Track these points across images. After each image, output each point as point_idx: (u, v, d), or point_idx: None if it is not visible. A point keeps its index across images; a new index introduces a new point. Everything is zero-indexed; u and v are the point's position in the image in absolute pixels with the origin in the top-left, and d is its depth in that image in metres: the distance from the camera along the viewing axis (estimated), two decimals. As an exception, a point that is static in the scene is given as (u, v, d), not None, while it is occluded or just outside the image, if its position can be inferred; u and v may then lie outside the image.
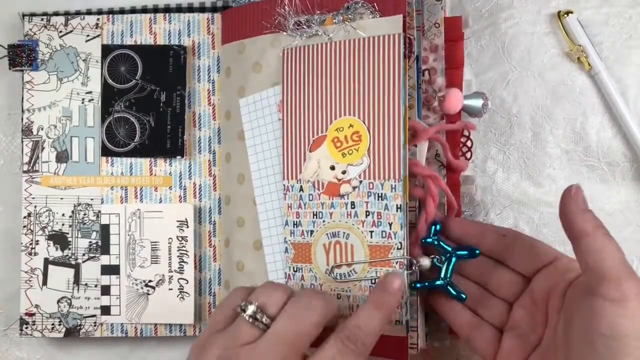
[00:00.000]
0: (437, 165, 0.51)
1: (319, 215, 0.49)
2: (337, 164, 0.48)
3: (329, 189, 0.49)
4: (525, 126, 0.55)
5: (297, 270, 0.50)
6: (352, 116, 0.48)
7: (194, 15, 0.57)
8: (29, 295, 0.57)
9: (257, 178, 0.52)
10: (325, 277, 0.49)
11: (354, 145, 0.48)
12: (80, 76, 0.57)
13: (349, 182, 0.48)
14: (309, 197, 0.49)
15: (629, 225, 0.54)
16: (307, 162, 0.49)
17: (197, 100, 0.57)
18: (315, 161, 0.49)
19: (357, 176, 0.48)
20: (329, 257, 0.49)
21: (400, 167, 0.46)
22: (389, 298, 0.42)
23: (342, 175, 0.48)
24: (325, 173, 0.49)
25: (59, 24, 0.57)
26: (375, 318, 0.41)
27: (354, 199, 0.48)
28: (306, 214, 0.50)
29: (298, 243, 0.50)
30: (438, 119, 0.51)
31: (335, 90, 0.48)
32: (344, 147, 0.48)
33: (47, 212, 0.57)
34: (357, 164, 0.48)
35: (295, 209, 0.50)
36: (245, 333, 0.40)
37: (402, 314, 0.46)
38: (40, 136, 0.57)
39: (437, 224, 0.46)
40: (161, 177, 0.57)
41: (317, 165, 0.49)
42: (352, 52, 0.48)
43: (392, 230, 0.46)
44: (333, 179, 0.48)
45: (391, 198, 0.46)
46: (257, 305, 0.41)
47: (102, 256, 0.57)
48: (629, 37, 0.54)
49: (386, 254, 0.46)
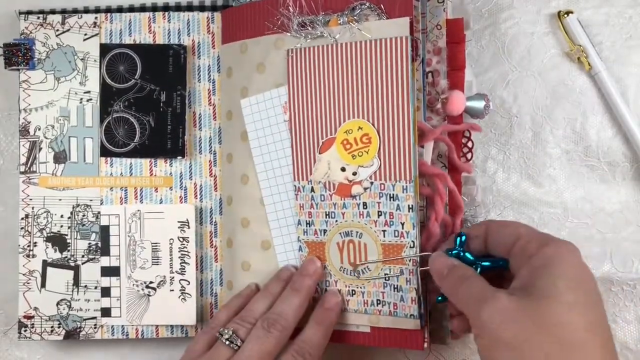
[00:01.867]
0: (439, 166, 0.52)
1: (331, 215, 0.50)
2: (347, 165, 0.49)
3: (340, 189, 0.49)
4: (526, 126, 0.55)
5: None
6: (361, 118, 0.48)
7: (194, 14, 0.57)
8: (27, 298, 0.56)
9: (265, 179, 0.52)
10: (340, 274, 0.50)
11: (364, 147, 0.48)
12: (78, 75, 0.56)
13: (360, 184, 0.49)
14: (320, 198, 0.50)
15: (629, 225, 0.55)
16: (317, 163, 0.50)
17: (198, 100, 0.57)
18: (325, 163, 0.50)
19: (368, 177, 0.48)
20: (342, 255, 0.50)
21: (411, 168, 0.47)
22: (328, 314, 0.49)
23: (353, 177, 0.49)
24: (336, 174, 0.49)
25: (55, 22, 0.56)
26: (317, 333, 0.48)
27: (366, 200, 0.48)
28: (318, 214, 0.50)
29: (311, 242, 0.51)
30: (441, 121, 0.51)
31: (342, 92, 0.49)
32: (353, 149, 0.49)
33: (45, 214, 0.56)
34: (368, 166, 0.48)
35: (307, 209, 0.51)
36: (222, 354, 0.47)
37: (416, 309, 0.47)
38: (37, 136, 0.56)
39: (462, 235, 0.46)
40: (162, 177, 0.57)
41: (327, 167, 0.50)
42: (359, 55, 0.48)
43: (405, 230, 0.47)
44: (344, 180, 0.49)
45: (403, 199, 0.47)
46: (233, 330, 0.48)
47: (102, 257, 0.56)
48: (629, 37, 0.55)
49: (399, 252, 0.48)
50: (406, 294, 0.48)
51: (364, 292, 0.50)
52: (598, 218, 0.55)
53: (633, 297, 0.55)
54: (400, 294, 0.48)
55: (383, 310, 0.49)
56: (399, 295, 0.48)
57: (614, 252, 0.55)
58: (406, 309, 0.48)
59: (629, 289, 0.55)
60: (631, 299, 0.55)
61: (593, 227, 0.55)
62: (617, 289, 0.55)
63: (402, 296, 0.48)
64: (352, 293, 0.50)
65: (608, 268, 0.55)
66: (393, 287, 0.48)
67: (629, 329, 0.55)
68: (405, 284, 0.48)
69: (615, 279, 0.55)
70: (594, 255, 0.55)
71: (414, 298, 0.47)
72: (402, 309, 0.48)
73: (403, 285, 0.48)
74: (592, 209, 0.55)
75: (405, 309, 0.48)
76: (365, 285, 0.50)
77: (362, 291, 0.50)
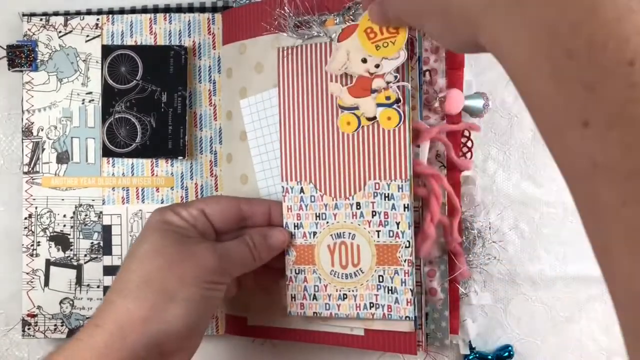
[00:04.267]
0: (437, 166, 0.52)
1: (322, 217, 0.49)
2: (369, 57, 0.45)
3: (359, 83, 0.46)
4: (526, 126, 0.55)
5: (299, 272, 0.50)
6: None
7: (195, 16, 0.57)
8: (30, 297, 0.57)
9: (262, 179, 0.53)
10: (331, 278, 0.49)
11: (391, 37, 0.44)
12: (80, 77, 0.57)
13: (382, 77, 0.45)
14: (310, 199, 0.49)
15: (629, 225, 0.55)
16: (335, 52, 0.46)
17: (198, 101, 0.57)
18: (344, 52, 0.46)
19: (393, 71, 0.45)
20: (334, 258, 0.49)
21: (407, 167, 0.46)
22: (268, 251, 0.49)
23: (375, 69, 0.45)
24: (355, 65, 0.45)
25: (58, 24, 0.57)
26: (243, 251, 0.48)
27: (360, 200, 0.48)
28: (308, 216, 0.49)
29: (300, 245, 0.50)
30: (439, 120, 0.51)
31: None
32: (378, 39, 0.44)
33: (48, 213, 0.57)
34: (394, 58, 0.45)
35: (295, 211, 0.50)
36: None
37: (412, 310, 0.47)
38: (40, 137, 0.57)
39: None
40: (163, 177, 0.57)
41: (345, 57, 0.46)
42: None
43: (400, 230, 0.47)
44: (365, 72, 0.45)
45: (398, 198, 0.46)
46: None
47: (105, 257, 0.57)
48: (629, 37, 0.54)
49: (394, 252, 0.47)
50: (401, 295, 0.47)
51: (356, 295, 0.48)
52: (598, 218, 0.55)
53: (633, 298, 0.54)
54: (395, 296, 0.47)
55: (376, 313, 0.48)
56: (393, 297, 0.47)
57: (614, 252, 0.54)
58: (401, 311, 0.47)
59: (629, 289, 0.54)
60: (631, 299, 0.54)
61: (593, 227, 0.55)
62: (617, 289, 0.54)
63: (397, 298, 0.47)
64: (344, 297, 0.49)
65: (608, 268, 0.54)
66: (387, 289, 0.47)
67: (629, 330, 0.54)
68: (401, 285, 0.47)
69: (615, 279, 0.54)
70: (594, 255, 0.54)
71: (410, 299, 0.46)
72: (396, 311, 0.47)
73: (398, 286, 0.47)
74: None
75: (400, 311, 0.47)
76: (357, 288, 0.48)
77: (354, 295, 0.48)
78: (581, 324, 0.55)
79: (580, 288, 0.55)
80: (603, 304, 0.55)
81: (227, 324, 0.57)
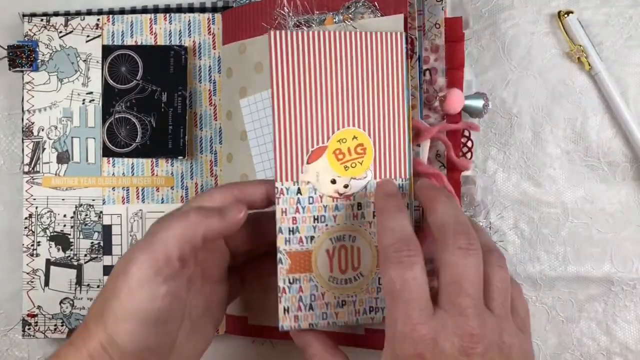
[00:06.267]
0: (437, 166, 0.52)
1: (320, 220, 0.46)
2: (338, 177, 0.46)
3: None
4: (526, 126, 0.55)
5: (293, 281, 0.46)
6: (355, 127, 0.46)
7: (195, 16, 0.57)
8: (30, 296, 0.57)
9: (263, 178, 0.53)
10: (329, 285, 0.46)
11: (358, 158, 0.46)
12: (80, 77, 0.57)
13: (350, 198, 0.46)
14: (308, 200, 0.46)
15: (629, 225, 0.55)
16: (304, 174, 0.46)
17: (198, 101, 0.57)
18: (313, 174, 0.46)
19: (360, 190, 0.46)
20: (332, 263, 0.46)
21: (407, 166, 0.46)
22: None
23: (343, 190, 0.46)
24: (324, 187, 0.46)
25: (58, 24, 0.57)
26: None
27: (361, 200, 0.46)
28: (305, 219, 0.46)
29: (295, 252, 0.46)
30: (439, 119, 0.51)
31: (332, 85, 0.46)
32: (346, 160, 0.46)
33: (48, 213, 0.57)
34: (361, 178, 0.46)
35: (291, 214, 0.45)
36: None
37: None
38: (41, 137, 0.57)
39: None
40: (163, 177, 0.57)
41: (315, 179, 0.46)
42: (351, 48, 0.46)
43: None
44: (333, 193, 0.46)
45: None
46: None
47: (105, 257, 0.57)
48: (629, 37, 0.54)
49: None
50: None
51: (355, 301, 0.46)
52: (598, 218, 0.55)
53: (633, 297, 0.54)
54: None
55: (376, 317, 0.46)
56: None
57: (614, 252, 0.55)
58: None
59: (629, 289, 0.54)
60: (631, 299, 0.54)
61: (593, 227, 0.55)
62: (617, 289, 0.55)
63: None
64: (342, 304, 0.46)
65: (608, 268, 0.55)
66: None
67: (629, 329, 0.54)
68: None
69: (615, 279, 0.54)
70: (594, 255, 0.55)
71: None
72: None
73: None
74: (592, 209, 0.55)
75: None
76: (357, 294, 0.46)
77: (352, 301, 0.46)
78: (581, 324, 0.55)
79: (580, 288, 0.55)
80: (603, 304, 0.55)
81: (227, 324, 0.56)
